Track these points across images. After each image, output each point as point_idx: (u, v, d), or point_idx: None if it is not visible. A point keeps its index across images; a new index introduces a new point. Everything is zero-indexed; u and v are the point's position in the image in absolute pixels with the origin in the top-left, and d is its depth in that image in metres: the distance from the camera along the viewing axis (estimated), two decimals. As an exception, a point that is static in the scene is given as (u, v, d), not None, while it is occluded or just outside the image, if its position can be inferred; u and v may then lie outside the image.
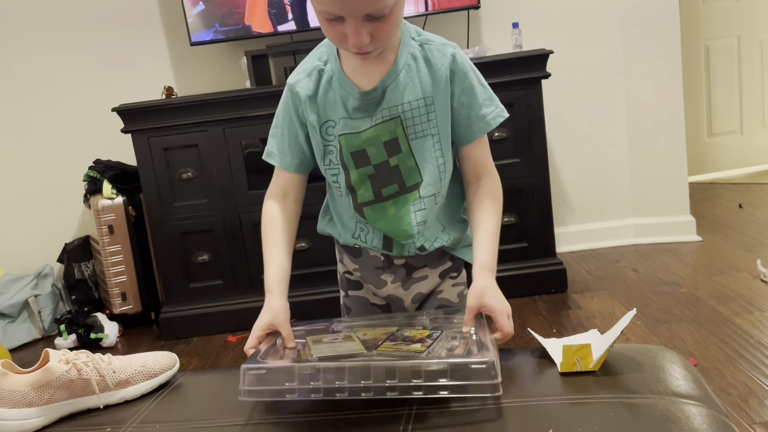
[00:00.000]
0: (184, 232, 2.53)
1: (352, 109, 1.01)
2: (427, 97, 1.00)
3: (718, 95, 4.07)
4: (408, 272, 1.13)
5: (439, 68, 1.00)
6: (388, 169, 1.03)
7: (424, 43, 1.01)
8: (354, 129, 1.02)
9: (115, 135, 2.60)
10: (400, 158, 1.03)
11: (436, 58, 1.00)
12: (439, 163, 1.03)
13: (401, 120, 1.00)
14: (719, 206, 3.47)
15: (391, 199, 1.05)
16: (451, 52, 1.00)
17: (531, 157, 2.48)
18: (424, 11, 2.69)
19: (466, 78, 1.01)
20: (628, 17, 2.88)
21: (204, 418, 0.92)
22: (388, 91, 0.99)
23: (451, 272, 1.15)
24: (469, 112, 1.02)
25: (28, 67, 2.93)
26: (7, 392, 0.94)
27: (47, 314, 2.80)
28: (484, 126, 1.03)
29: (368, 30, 0.89)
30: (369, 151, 1.02)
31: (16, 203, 3.03)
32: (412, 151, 1.02)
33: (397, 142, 1.02)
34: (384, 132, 1.01)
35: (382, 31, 0.90)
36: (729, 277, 2.46)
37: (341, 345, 0.93)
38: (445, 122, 1.01)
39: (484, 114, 1.02)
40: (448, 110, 1.01)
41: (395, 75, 0.99)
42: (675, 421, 0.76)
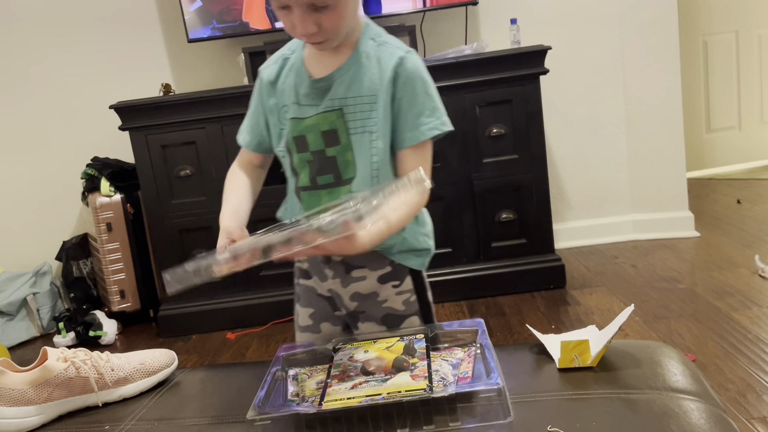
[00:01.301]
0: (183, 229, 2.53)
1: (302, 96, 1.06)
2: (372, 95, 1.02)
3: (717, 91, 4.07)
4: (346, 270, 1.13)
5: (387, 69, 1.02)
6: (325, 158, 1.06)
7: (381, 45, 1.04)
8: (300, 115, 1.06)
9: (113, 132, 2.59)
10: (338, 150, 1.05)
11: (386, 59, 1.03)
12: (373, 161, 1.04)
13: (343, 113, 1.03)
14: (718, 202, 3.47)
15: (326, 188, 1.07)
16: (400, 55, 1.02)
17: (529, 153, 2.48)
18: (422, 7, 2.69)
19: (410, 83, 1.02)
20: (626, 13, 2.88)
21: (203, 415, 0.92)
22: (336, 83, 1.03)
23: (393, 280, 1.13)
24: (406, 118, 1.03)
25: (26, 65, 2.92)
26: (6, 390, 0.94)
27: (46, 312, 2.80)
28: (417, 135, 1.03)
29: (314, 20, 0.94)
30: (308, 138, 1.06)
31: (14, 201, 3.03)
32: (351, 145, 1.04)
33: (336, 133, 1.04)
34: (324, 122, 1.04)
35: (328, 22, 0.95)
36: (727, 272, 2.46)
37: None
38: (386, 122, 1.03)
39: (420, 123, 1.02)
40: (389, 111, 1.02)
41: (346, 70, 1.03)
42: (673, 417, 0.77)
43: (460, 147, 2.48)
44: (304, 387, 0.93)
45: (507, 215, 2.51)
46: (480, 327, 1.00)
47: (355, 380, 0.89)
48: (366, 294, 1.14)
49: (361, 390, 0.86)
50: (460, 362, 0.93)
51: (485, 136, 2.48)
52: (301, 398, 0.90)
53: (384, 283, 1.13)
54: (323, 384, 0.90)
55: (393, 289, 1.13)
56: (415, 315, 1.15)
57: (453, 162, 2.49)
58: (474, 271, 2.54)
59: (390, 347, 0.98)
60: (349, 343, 1.02)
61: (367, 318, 1.16)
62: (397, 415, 0.82)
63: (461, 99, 2.46)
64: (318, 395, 0.88)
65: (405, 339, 0.99)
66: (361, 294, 1.14)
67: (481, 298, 2.52)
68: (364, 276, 1.12)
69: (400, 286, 1.13)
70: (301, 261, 1.20)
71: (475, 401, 0.82)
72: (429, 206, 2.71)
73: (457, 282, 2.53)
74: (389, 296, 1.14)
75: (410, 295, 1.14)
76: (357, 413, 0.82)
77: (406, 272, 1.14)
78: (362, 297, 1.14)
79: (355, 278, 1.13)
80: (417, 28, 2.79)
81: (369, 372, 0.91)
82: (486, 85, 2.45)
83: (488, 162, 2.49)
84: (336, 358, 0.97)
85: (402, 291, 1.14)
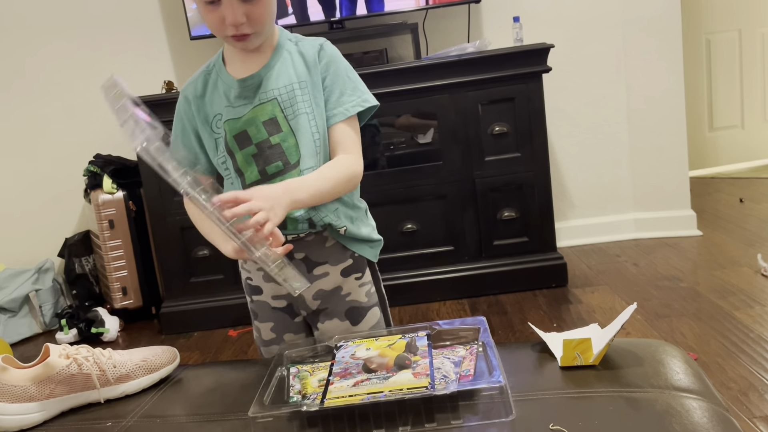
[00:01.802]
0: (185, 226, 2.53)
1: (233, 98, 1.10)
2: (301, 81, 1.09)
3: (720, 89, 4.06)
4: (308, 268, 1.15)
5: (310, 56, 1.11)
6: (270, 146, 1.10)
7: (299, 41, 1.13)
8: (235, 115, 1.10)
9: (116, 130, 2.58)
10: (281, 137, 1.09)
11: (307, 48, 1.12)
12: (315, 138, 1.09)
13: (278, 102, 1.09)
14: (720, 201, 3.47)
15: (277, 177, 1.10)
16: (320, 42, 1.12)
17: (531, 151, 2.48)
18: (424, 5, 2.68)
19: (333, 64, 1.11)
20: (629, 11, 2.87)
21: (205, 412, 0.92)
22: (264, 78, 1.09)
23: (355, 272, 1.18)
24: (331, 96, 1.11)
25: (28, 62, 2.92)
26: (8, 387, 0.94)
27: (48, 309, 2.80)
28: (343, 112, 1.11)
29: (243, 11, 1.01)
30: (250, 131, 1.10)
31: (16, 198, 3.03)
32: (292, 130, 1.09)
33: (276, 121, 1.09)
34: (262, 113, 1.09)
35: (256, 13, 1.02)
36: (729, 271, 2.46)
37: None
38: (319, 101, 1.10)
39: (344, 102, 1.11)
40: (321, 90, 1.10)
41: (272, 65, 1.10)
42: (675, 415, 0.76)
43: (463, 145, 2.48)
44: (306, 384, 0.93)
45: (509, 213, 2.51)
46: (482, 325, 1.00)
47: (357, 378, 0.89)
48: (330, 290, 1.17)
49: (363, 387, 0.86)
50: (462, 360, 0.93)
51: (487, 134, 2.48)
52: (303, 395, 0.90)
53: (347, 276, 1.18)
54: (325, 381, 0.90)
55: (356, 281, 1.19)
56: (376, 306, 1.21)
57: (455, 160, 2.49)
58: (476, 269, 2.54)
59: (392, 345, 0.98)
60: (351, 341, 1.02)
61: (329, 315, 1.18)
62: (399, 413, 0.82)
63: (464, 97, 2.45)
64: (320, 392, 0.88)
65: (407, 336, 0.99)
66: (324, 291, 1.17)
67: (483, 296, 2.52)
68: (327, 272, 1.16)
69: (361, 278, 1.19)
70: (251, 277, 1.22)
71: (477, 399, 0.82)
72: (431, 204, 2.71)
73: (459, 280, 2.53)
74: (353, 289, 1.19)
75: (371, 287, 1.21)
76: (359, 410, 0.82)
77: (365, 264, 1.20)
78: (325, 294, 1.17)
79: (317, 275, 1.16)
80: (419, 25, 2.78)
81: (371, 369, 0.91)
82: (488, 83, 2.44)
83: (490, 160, 2.49)
84: (338, 355, 0.97)
85: (364, 282, 1.20)
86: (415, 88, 2.44)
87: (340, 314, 1.18)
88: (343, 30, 2.69)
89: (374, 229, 1.23)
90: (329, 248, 1.15)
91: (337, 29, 2.68)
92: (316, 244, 1.14)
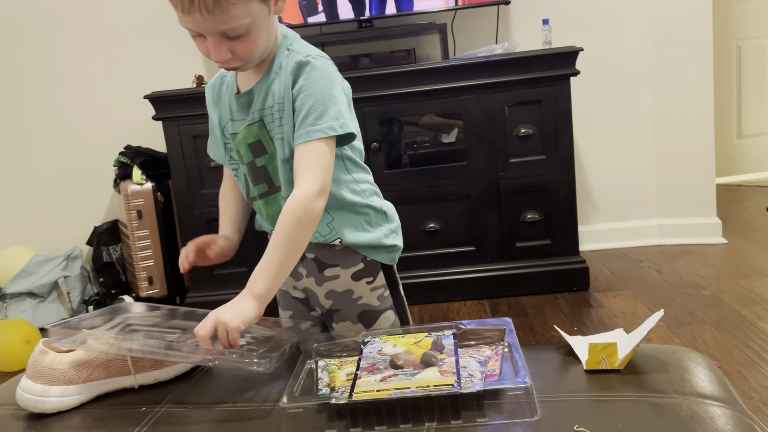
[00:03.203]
0: (211, 219, 2.57)
1: (234, 111, 1.11)
2: (281, 102, 1.04)
3: (749, 96, 4.01)
4: (319, 268, 1.15)
5: (286, 75, 1.04)
6: (255, 169, 1.10)
7: (291, 53, 1.05)
8: (234, 130, 1.11)
9: (147, 122, 2.64)
10: (266, 159, 1.09)
11: (291, 63, 1.03)
12: (290, 164, 1.04)
13: (264, 123, 1.06)
14: (746, 209, 3.43)
15: (263, 198, 1.12)
16: (298, 59, 1.02)
17: (557, 154, 2.48)
18: (453, 5, 2.69)
19: (303, 87, 1.01)
20: (660, 16, 2.85)
21: (235, 401, 0.95)
22: (255, 96, 1.07)
23: (366, 277, 1.15)
24: (298, 117, 1.02)
25: (64, 54, 2.99)
26: (48, 370, 0.97)
27: (76, 295, 2.86)
28: (303, 134, 1.00)
29: (228, 47, 0.97)
30: (241, 151, 1.11)
31: (48, 186, 3.10)
32: (276, 153, 1.07)
33: (261, 144, 1.08)
34: (248, 134, 1.08)
35: (242, 49, 0.98)
36: (754, 280, 2.44)
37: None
38: (290, 126, 1.04)
39: (307, 124, 1.00)
40: (291, 114, 1.03)
41: (264, 82, 1.06)
42: (699, 422, 0.77)
43: (488, 146, 2.49)
44: (334, 378, 0.95)
45: (532, 215, 2.51)
46: (508, 326, 1.01)
47: (384, 373, 0.91)
48: (341, 292, 1.16)
49: (391, 383, 0.88)
50: (488, 360, 0.95)
51: (513, 135, 2.48)
52: (332, 388, 0.92)
53: (358, 280, 1.15)
54: (353, 376, 0.92)
55: (367, 285, 1.16)
56: (390, 309, 1.19)
57: (480, 161, 2.50)
58: (497, 270, 2.55)
59: (418, 342, 0.99)
60: (378, 337, 1.04)
61: (341, 317, 1.18)
62: (426, 409, 0.84)
63: (490, 98, 2.46)
64: (348, 386, 0.90)
65: (433, 335, 1.01)
66: (336, 292, 1.16)
67: (504, 297, 2.53)
68: (338, 275, 1.14)
69: (373, 282, 1.16)
70: None
71: (502, 398, 0.84)
72: (454, 203, 2.72)
73: (481, 281, 2.54)
74: (364, 293, 1.16)
75: (384, 290, 1.18)
76: (386, 405, 0.84)
77: (378, 268, 1.16)
78: (337, 295, 1.16)
79: (328, 277, 1.15)
80: (448, 26, 2.79)
81: (397, 366, 0.93)
82: (516, 85, 2.45)
83: (515, 162, 2.50)
84: (365, 350, 1.00)
85: (376, 287, 1.17)
86: (442, 88, 2.46)
87: (353, 317, 1.18)
88: (372, 29, 2.71)
89: (392, 233, 1.17)
90: (339, 251, 1.14)
91: (366, 28, 2.70)
92: (325, 247, 1.13)
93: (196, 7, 0.91)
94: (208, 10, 0.91)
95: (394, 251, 1.18)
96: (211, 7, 0.90)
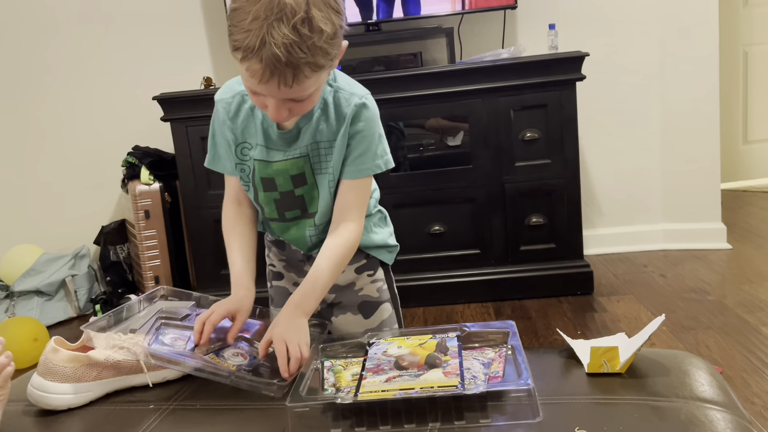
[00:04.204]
0: (218, 219, 2.56)
1: (271, 140, 1.11)
2: (332, 140, 1.09)
3: (755, 102, 4.01)
4: None
5: (343, 114, 1.08)
6: (293, 197, 1.14)
7: (337, 90, 1.09)
8: (268, 158, 1.12)
9: (155, 123, 2.66)
10: (305, 189, 1.13)
11: (343, 105, 1.08)
12: (331, 193, 1.13)
13: (309, 158, 1.11)
14: (751, 215, 3.43)
15: (294, 221, 1.17)
16: (356, 102, 1.08)
17: (562, 158, 2.49)
18: (460, 9, 2.71)
19: (360, 129, 1.09)
20: (667, 21, 2.86)
21: (242, 399, 0.96)
22: (302, 132, 1.09)
23: (368, 270, 1.25)
24: (353, 154, 1.10)
25: (74, 54, 3.01)
26: (58, 367, 0.99)
27: (83, 294, 2.89)
28: (357, 171, 1.11)
29: (288, 107, 0.98)
30: (277, 180, 1.13)
31: (56, 185, 3.13)
32: (317, 184, 1.13)
33: (304, 176, 1.12)
34: (293, 167, 1.11)
35: (301, 109, 1.01)
36: (758, 286, 2.44)
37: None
38: (339, 162, 1.10)
39: (360, 163, 1.10)
40: (343, 151, 1.10)
41: (309, 118, 1.08)
42: (699, 425, 0.79)
43: (493, 150, 2.50)
44: (339, 378, 0.97)
45: (537, 219, 2.52)
46: (511, 329, 1.03)
47: (389, 374, 0.93)
48: (344, 285, 1.24)
49: (395, 383, 0.89)
50: (491, 362, 0.96)
51: (519, 139, 2.49)
52: (337, 388, 0.94)
53: (360, 273, 1.25)
54: (358, 376, 0.94)
55: (368, 278, 1.25)
56: (387, 302, 1.28)
57: (485, 164, 2.51)
58: (501, 274, 2.56)
59: (423, 344, 1.01)
60: (383, 338, 1.06)
61: (342, 308, 1.26)
62: (430, 410, 0.85)
63: (496, 102, 2.47)
64: (353, 386, 0.92)
65: (437, 337, 1.03)
66: (339, 285, 1.23)
67: (508, 300, 2.54)
68: (343, 270, 1.20)
69: (374, 276, 1.26)
70: (273, 264, 1.30)
71: (505, 400, 0.85)
72: (459, 206, 2.74)
73: (484, 283, 2.56)
74: (365, 285, 1.25)
75: (382, 284, 1.27)
76: (391, 405, 0.86)
77: (378, 264, 1.27)
78: (340, 288, 1.24)
79: None
80: (455, 30, 2.81)
81: (402, 367, 0.94)
82: (522, 90, 2.46)
83: (520, 166, 2.51)
84: (370, 352, 1.01)
85: (376, 279, 1.26)
86: (448, 92, 2.47)
87: (353, 308, 1.25)
88: (379, 32, 2.73)
89: (391, 235, 1.28)
90: None
91: (374, 31, 2.72)
92: None
93: (275, 80, 0.91)
94: (286, 84, 0.92)
95: (394, 251, 1.29)
96: (290, 83, 0.91)
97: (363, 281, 1.25)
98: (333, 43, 0.93)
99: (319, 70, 0.93)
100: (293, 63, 0.89)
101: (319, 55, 0.91)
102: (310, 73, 0.92)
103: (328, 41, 0.92)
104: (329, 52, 0.93)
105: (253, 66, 0.90)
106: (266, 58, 0.88)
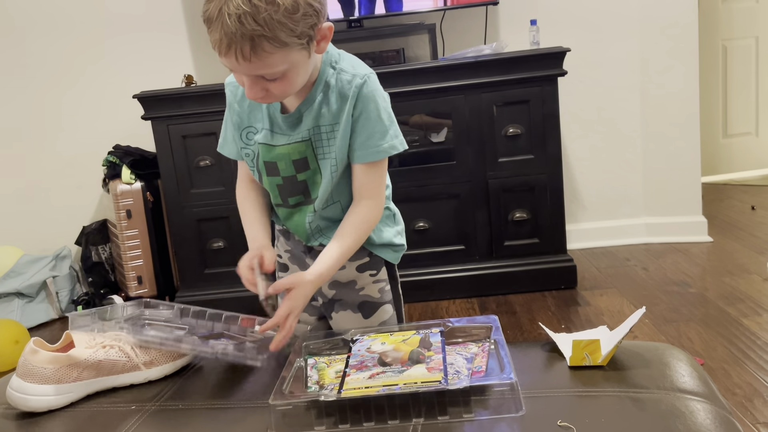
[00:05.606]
0: (201, 218, 2.58)
1: (275, 124, 1.10)
2: (335, 123, 1.07)
3: (735, 96, 4.06)
4: None
5: (345, 96, 1.06)
6: (295, 182, 1.13)
7: (339, 72, 1.07)
8: (272, 142, 1.11)
9: (136, 121, 2.64)
10: (308, 174, 1.12)
11: (345, 87, 1.06)
12: (334, 181, 1.11)
13: (312, 142, 1.09)
14: (732, 207, 3.47)
15: (297, 207, 1.16)
16: (358, 82, 1.06)
17: (545, 153, 2.50)
18: (442, 5, 2.71)
19: (365, 108, 1.07)
20: (647, 16, 2.88)
21: (225, 399, 0.96)
22: (304, 115, 1.08)
23: (370, 269, 1.22)
24: (359, 138, 1.08)
25: (54, 55, 2.97)
26: (38, 369, 0.98)
27: (64, 295, 2.86)
28: (368, 155, 1.09)
29: (262, 86, 0.97)
30: (279, 165, 1.11)
31: (36, 185, 3.09)
32: (320, 169, 1.11)
33: (306, 161, 1.10)
34: (294, 151, 1.10)
35: (278, 89, 0.98)
36: (739, 278, 2.48)
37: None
38: (343, 146, 1.08)
39: (371, 145, 1.08)
40: (348, 135, 1.08)
41: (311, 102, 1.07)
42: (679, 416, 0.79)
43: (477, 146, 2.51)
44: (323, 375, 0.96)
45: (520, 214, 2.53)
46: (494, 324, 1.03)
47: (372, 370, 0.93)
48: (345, 282, 1.22)
49: (379, 380, 0.89)
50: (474, 357, 0.96)
51: (501, 135, 2.50)
52: (321, 386, 0.94)
53: (362, 271, 1.21)
54: (342, 373, 0.93)
55: (370, 277, 1.22)
56: (389, 303, 1.25)
57: (468, 160, 2.52)
58: (486, 269, 2.57)
59: (406, 340, 1.01)
60: (367, 335, 1.05)
61: (343, 306, 1.24)
62: (413, 405, 0.85)
63: (479, 98, 2.48)
64: (337, 383, 0.91)
65: (421, 332, 1.03)
66: (339, 282, 1.21)
67: (492, 295, 2.55)
68: (343, 265, 1.18)
69: (376, 275, 1.23)
70: (280, 255, 1.29)
71: (488, 395, 0.86)
72: (443, 203, 2.74)
73: (469, 279, 2.56)
74: (366, 284, 1.22)
75: (385, 284, 1.24)
76: (374, 402, 0.86)
77: (382, 263, 1.23)
78: (341, 285, 1.22)
79: None
80: (437, 26, 2.81)
81: (386, 363, 0.94)
82: (504, 85, 2.47)
83: (504, 161, 2.52)
84: (354, 348, 1.01)
85: (378, 280, 1.23)
86: (431, 88, 2.47)
87: (353, 306, 1.23)
88: (361, 29, 2.72)
89: (399, 234, 1.24)
90: None
91: (356, 28, 2.71)
92: None
93: (232, 51, 0.90)
94: (244, 57, 0.90)
95: (400, 250, 1.25)
96: (247, 55, 0.90)
97: (365, 280, 1.22)
98: (295, 19, 0.90)
99: (282, 46, 0.91)
100: (247, 35, 0.88)
101: (279, 30, 0.89)
102: (271, 48, 0.90)
103: (288, 15, 0.90)
104: (293, 29, 0.91)
105: (214, 36, 0.91)
106: (222, 28, 0.89)
